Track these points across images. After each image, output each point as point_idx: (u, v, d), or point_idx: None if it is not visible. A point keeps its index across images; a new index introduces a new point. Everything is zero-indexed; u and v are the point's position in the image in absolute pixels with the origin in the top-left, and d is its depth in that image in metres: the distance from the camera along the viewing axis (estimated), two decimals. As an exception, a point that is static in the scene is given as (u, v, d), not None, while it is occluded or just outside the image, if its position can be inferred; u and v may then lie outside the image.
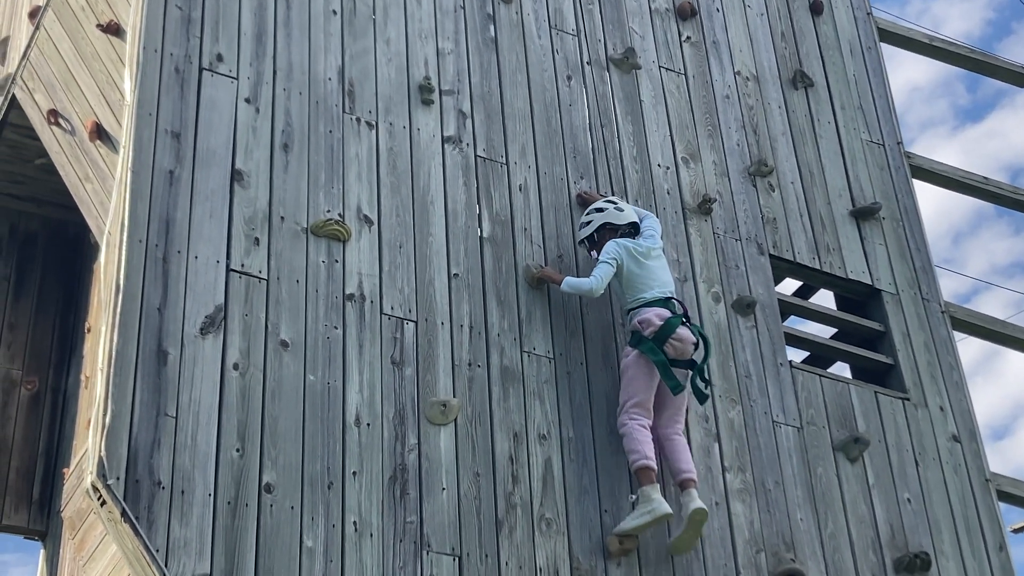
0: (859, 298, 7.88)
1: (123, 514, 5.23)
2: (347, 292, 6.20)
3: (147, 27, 6.37)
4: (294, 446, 5.70)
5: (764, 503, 6.65)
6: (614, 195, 7.12)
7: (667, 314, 6.42)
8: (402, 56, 7.06)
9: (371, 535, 5.66)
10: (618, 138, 7.48)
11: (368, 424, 5.91)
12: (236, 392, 5.70)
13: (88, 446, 5.51)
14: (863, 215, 8.02)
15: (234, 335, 5.83)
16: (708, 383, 6.57)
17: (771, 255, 7.57)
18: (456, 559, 5.79)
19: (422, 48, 7.14)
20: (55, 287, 7.80)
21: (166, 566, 5.20)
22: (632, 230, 6.73)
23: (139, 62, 6.26)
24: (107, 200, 6.14)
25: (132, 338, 5.60)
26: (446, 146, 6.90)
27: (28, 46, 7.38)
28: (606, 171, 7.30)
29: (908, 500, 7.09)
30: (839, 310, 7.89)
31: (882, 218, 8.10)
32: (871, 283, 7.82)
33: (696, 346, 6.44)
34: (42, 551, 7.32)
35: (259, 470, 5.57)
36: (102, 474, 5.27)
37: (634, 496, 6.25)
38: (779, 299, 7.50)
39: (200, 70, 6.42)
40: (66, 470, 6.91)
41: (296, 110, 6.57)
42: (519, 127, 7.19)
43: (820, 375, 7.31)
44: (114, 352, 5.54)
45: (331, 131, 6.60)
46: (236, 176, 6.22)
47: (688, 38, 8.17)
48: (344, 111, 6.71)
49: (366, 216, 6.46)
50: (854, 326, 7.75)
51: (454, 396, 6.16)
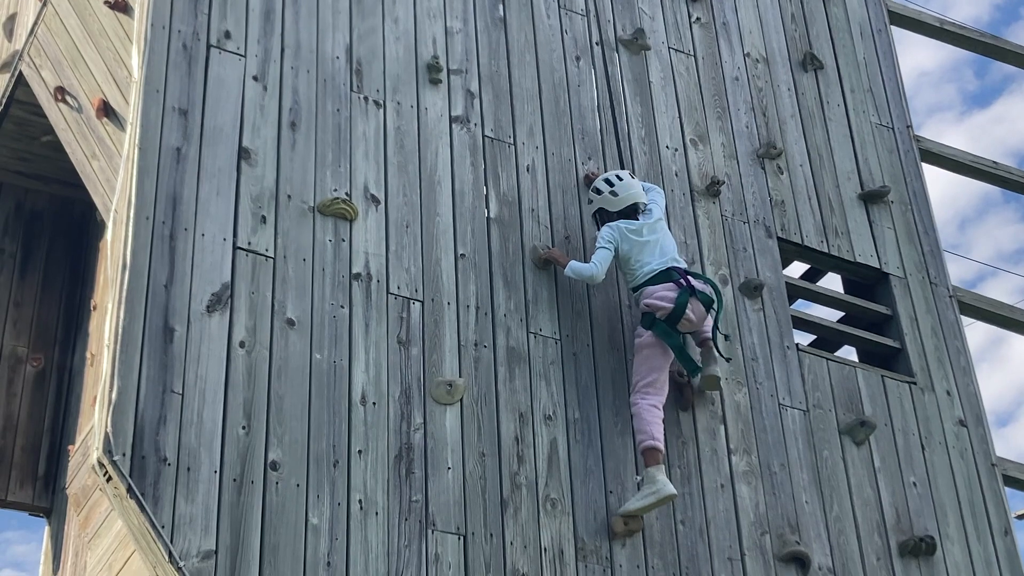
0: (867, 282, 7.87)
1: (129, 490, 5.24)
2: (354, 271, 6.19)
3: (155, 4, 6.35)
4: (300, 424, 5.70)
5: (770, 486, 6.65)
6: (623, 170, 7.00)
7: (673, 293, 6.39)
8: (410, 35, 7.04)
9: (376, 514, 5.66)
10: (626, 119, 7.45)
11: (374, 403, 5.91)
12: (242, 370, 5.70)
13: (94, 422, 5.51)
14: (872, 198, 8.00)
15: (240, 313, 5.82)
16: (723, 336, 6.72)
17: (779, 238, 7.55)
18: (461, 538, 5.79)
19: (430, 27, 7.12)
20: (61, 264, 7.80)
21: (171, 542, 5.20)
22: (631, 211, 6.67)
23: (146, 39, 6.25)
24: (114, 177, 6.13)
25: (138, 315, 5.60)
26: (454, 126, 6.88)
27: (35, 23, 7.36)
28: (614, 152, 7.28)
29: (914, 484, 7.08)
30: (847, 293, 7.87)
31: (890, 202, 8.08)
32: (879, 267, 7.80)
33: (709, 307, 6.45)
34: (47, 527, 7.34)
35: (265, 448, 5.58)
36: (108, 450, 5.27)
37: (639, 477, 6.25)
38: (786, 282, 7.48)
39: (208, 47, 6.41)
40: (71, 447, 6.91)
41: (304, 88, 6.56)
42: (527, 107, 7.17)
43: (827, 358, 7.29)
44: (120, 329, 5.53)
45: (339, 110, 6.59)
46: (243, 154, 6.21)
47: (698, 19, 8.14)
48: (352, 90, 6.69)
49: (373, 195, 6.44)
50: (861, 310, 7.73)
51: (460, 376, 6.16)
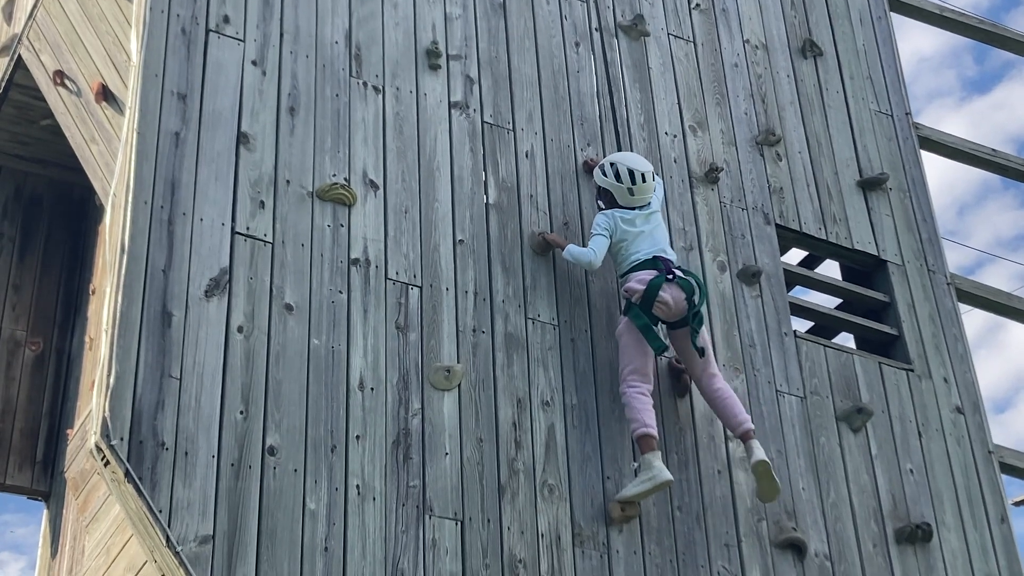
0: (865, 269, 7.87)
1: (127, 475, 5.24)
2: (352, 256, 6.19)
3: (154, -12, 6.35)
4: (298, 409, 5.71)
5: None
6: (647, 165, 6.72)
7: (649, 276, 6.35)
8: (409, 20, 7.03)
9: (374, 499, 5.68)
10: (625, 105, 7.45)
11: (372, 388, 5.92)
12: (240, 355, 5.70)
13: (92, 407, 5.52)
14: (870, 185, 8.00)
15: (239, 298, 5.83)
16: (696, 332, 6.37)
17: (777, 225, 7.56)
18: (458, 523, 5.80)
19: (430, 12, 7.11)
20: (60, 248, 7.80)
21: (169, 527, 5.21)
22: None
23: (146, 23, 6.24)
24: (112, 161, 6.13)
25: (137, 300, 5.60)
26: (453, 111, 6.88)
27: (34, 6, 7.35)
28: (613, 138, 7.27)
29: (910, 471, 7.10)
30: (844, 280, 7.88)
31: (889, 189, 8.08)
32: (877, 254, 7.81)
33: (690, 299, 6.37)
34: (45, 511, 7.35)
35: (263, 433, 5.58)
36: (106, 435, 5.28)
37: (636, 463, 6.26)
38: (784, 269, 7.48)
39: (207, 32, 6.40)
40: (70, 431, 6.93)
41: (303, 73, 6.55)
42: (526, 93, 7.16)
43: (824, 345, 7.30)
44: (119, 313, 5.54)
45: (338, 95, 6.58)
46: (242, 139, 6.21)
47: (697, 5, 8.13)
48: (351, 75, 6.69)
49: (372, 181, 6.44)
50: (859, 297, 7.74)
51: (458, 362, 6.16)
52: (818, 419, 6.99)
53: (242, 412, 5.59)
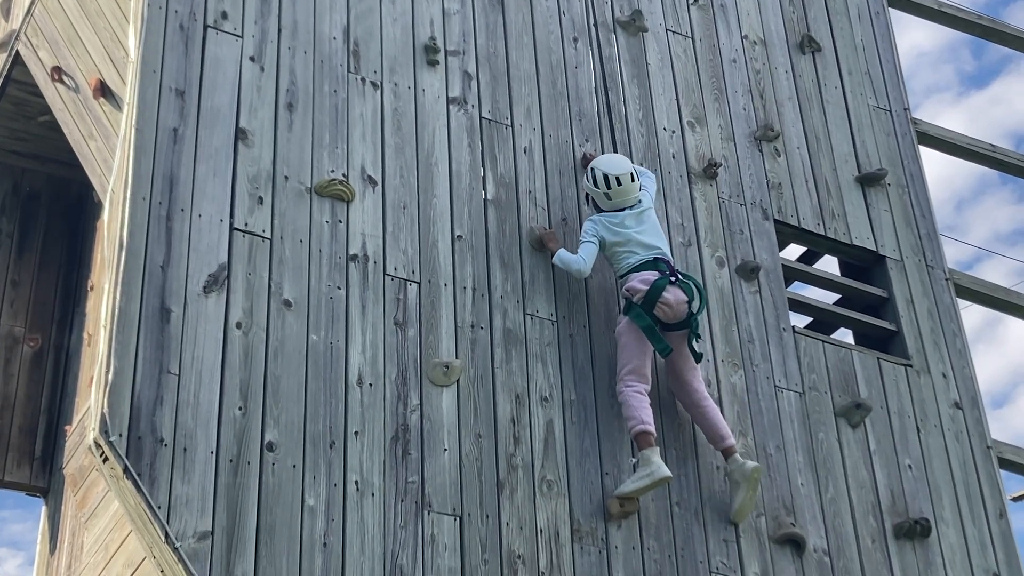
0: (863, 264, 7.87)
1: (125, 471, 5.25)
2: (350, 252, 6.19)
3: (152, -16, 6.34)
4: (296, 405, 5.71)
5: (765, 468, 6.66)
6: (622, 161, 6.86)
7: (653, 277, 6.38)
8: (408, 16, 7.03)
9: (372, 495, 5.68)
10: (624, 101, 7.45)
11: (370, 384, 5.92)
12: (239, 351, 5.70)
13: (91, 403, 5.52)
14: (868, 181, 8.00)
15: (237, 294, 5.83)
16: (698, 338, 6.45)
17: (776, 220, 7.56)
18: (457, 519, 5.80)
19: (428, 8, 7.11)
20: (58, 244, 7.80)
21: (168, 523, 5.21)
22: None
23: (144, 19, 6.24)
24: (111, 158, 6.13)
25: (135, 296, 5.60)
26: (451, 107, 6.87)
27: (32, 2, 7.34)
28: (611, 134, 7.27)
29: (909, 466, 7.10)
30: (843, 276, 7.88)
31: (887, 184, 8.08)
32: (875, 249, 7.81)
33: (690, 304, 6.40)
34: (44, 508, 7.35)
35: (261, 429, 5.58)
36: (104, 431, 5.28)
37: (635, 459, 6.26)
38: (783, 264, 7.49)
39: (205, 27, 6.40)
40: (68, 427, 6.93)
41: (301, 69, 6.55)
42: (524, 89, 7.16)
43: (823, 341, 7.30)
44: (117, 309, 5.54)
45: (336, 91, 6.58)
46: (240, 135, 6.21)
47: (696, 1, 8.13)
48: (349, 71, 6.68)
49: (370, 176, 6.44)
50: (858, 292, 7.74)
51: (457, 358, 6.16)
52: (817, 415, 7.00)
53: (241, 408, 5.59)
